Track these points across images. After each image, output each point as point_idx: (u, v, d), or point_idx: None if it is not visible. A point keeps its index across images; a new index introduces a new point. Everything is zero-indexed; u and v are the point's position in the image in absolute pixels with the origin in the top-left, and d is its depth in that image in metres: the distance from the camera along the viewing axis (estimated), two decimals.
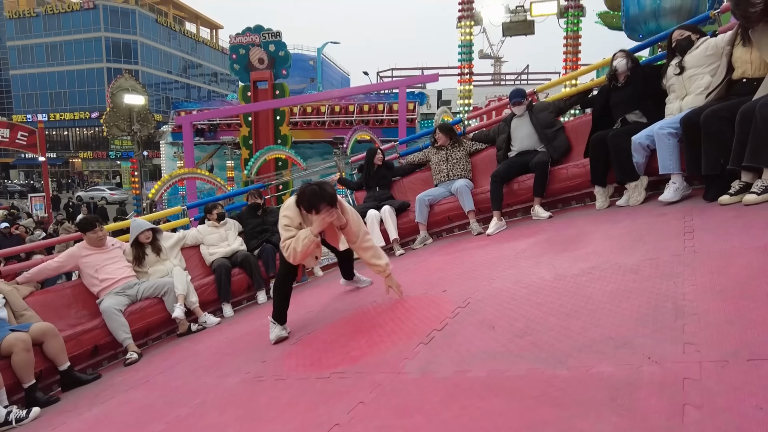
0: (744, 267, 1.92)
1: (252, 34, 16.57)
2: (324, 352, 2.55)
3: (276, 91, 16.66)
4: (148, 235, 4.72)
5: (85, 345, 4.03)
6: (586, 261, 2.62)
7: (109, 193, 33.57)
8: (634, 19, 12.44)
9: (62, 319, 4.13)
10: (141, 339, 4.38)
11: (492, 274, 2.99)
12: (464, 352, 1.97)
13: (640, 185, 3.69)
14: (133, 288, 4.44)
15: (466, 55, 17.51)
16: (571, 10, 15.99)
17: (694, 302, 1.76)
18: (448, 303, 2.66)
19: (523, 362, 1.73)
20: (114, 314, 4.15)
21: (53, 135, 48.78)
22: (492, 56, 42.33)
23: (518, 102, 4.81)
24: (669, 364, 1.43)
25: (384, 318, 2.77)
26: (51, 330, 3.64)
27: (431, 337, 2.23)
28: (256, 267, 5.00)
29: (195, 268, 5.04)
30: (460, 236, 4.88)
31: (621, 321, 1.79)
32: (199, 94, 58.57)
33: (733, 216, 2.59)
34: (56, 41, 48.89)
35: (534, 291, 2.42)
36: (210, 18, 62.30)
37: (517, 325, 2.06)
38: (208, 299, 4.80)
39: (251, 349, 3.22)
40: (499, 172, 4.61)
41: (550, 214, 4.27)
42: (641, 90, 3.94)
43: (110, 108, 17.84)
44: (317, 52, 39.71)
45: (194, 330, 4.48)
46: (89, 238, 4.46)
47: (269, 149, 13.86)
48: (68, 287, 4.46)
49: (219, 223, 5.27)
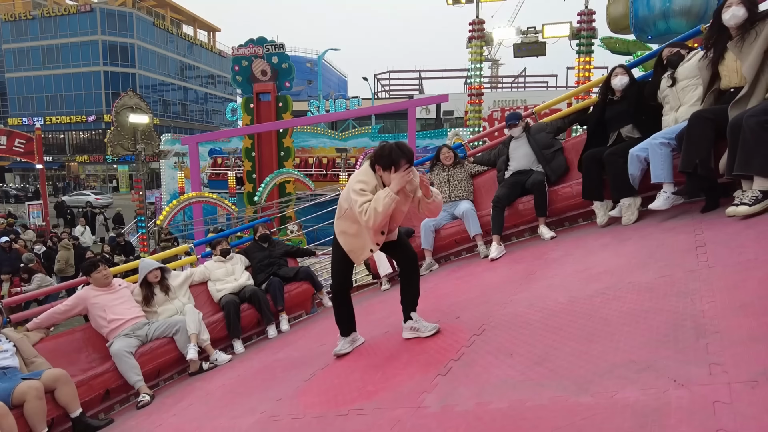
0: (762, 280, 1.90)
1: (255, 45, 16.66)
2: (340, 388, 2.51)
3: (279, 103, 16.67)
4: (156, 274, 4.72)
5: (97, 389, 3.98)
6: (599, 281, 2.59)
7: (94, 198, 33.18)
8: (644, 21, 12.53)
9: (73, 364, 4.09)
10: (152, 380, 4.33)
11: (504, 299, 2.96)
12: (483, 383, 1.94)
13: (634, 204, 3.70)
14: (143, 329, 4.41)
15: (476, 77, 17.49)
16: (583, 33, 16.08)
17: (715, 320, 1.73)
18: (462, 331, 2.62)
19: (545, 391, 1.70)
20: (125, 356, 4.12)
21: (49, 138, 48.47)
22: (489, 59, 42.76)
23: (513, 124, 4.86)
24: (696, 387, 1.40)
25: (398, 349, 2.74)
26: (63, 376, 3.60)
27: (449, 367, 2.20)
28: (264, 301, 4.97)
29: (204, 305, 5.02)
30: (468, 259, 4.86)
31: (641, 343, 1.76)
32: (196, 97, 58.91)
33: (743, 227, 2.57)
34: (53, 44, 48.81)
35: (549, 315, 2.39)
36: (207, 21, 62.76)
37: (535, 351, 2.03)
38: (218, 336, 4.76)
39: (265, 386, 3.18)
40: (500, 198, 4.60)
41: (553, 234, 4.25)
42: (636, 105, 3.99)
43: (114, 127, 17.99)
44: (317, 60, 40.08)
45: (206, 368, 4.43)
46: (95, 279, 4.47)
47: (279, 173, 13.90)
48: (78, 331, 4.44)
49: (225, 258, 5.27)
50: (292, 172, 14.53)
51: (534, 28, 17.69)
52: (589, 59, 16.23)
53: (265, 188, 13.12)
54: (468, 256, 4.97)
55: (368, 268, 5.63)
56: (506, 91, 42.02)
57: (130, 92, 19.52)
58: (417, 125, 34.46)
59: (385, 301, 4.27)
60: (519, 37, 17.74)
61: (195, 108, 58.61)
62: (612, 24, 15.79)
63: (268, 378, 3.38)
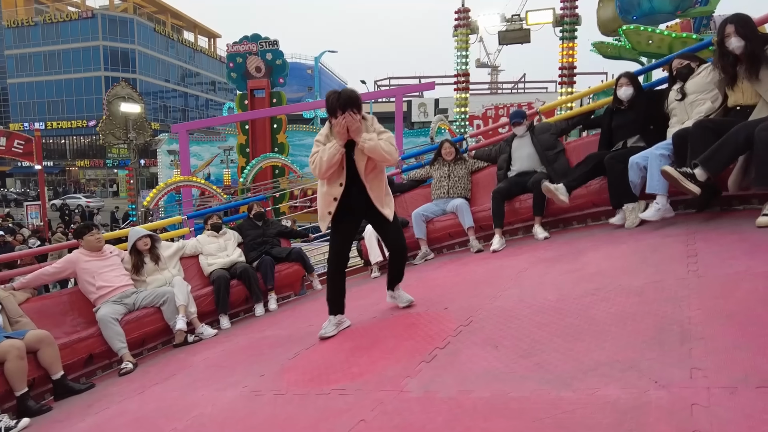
0: (751, 292, 1.92)
1: (249, 42, 16.69)
2: (324, 368, 2.52)
3: (273, 99, 16.75)
4: (146, 242, 4.69)
5: (80, 353, 3.98)
6: (590, 282, 2.61)
7: (85, 201, 33.23)
8: (628, 2, 12.65)
9: (58, 326, 4.08)
10: (137, 349, 4.33)
11: (495, 293, 2.97)
12: (467, 372, 1.95)
13: (637, 209, 3.70)
14: (131, 297, 4.40)
15: (462, 64, 17.70)
16: (566, 19, 16.19)
17: (701, 326, 1.75)
18: (450, 321, 2.64)
19: (528, 383, 1.71)
20: (110, 323, 4.11)
21: (50, 143, 48.72)
22: (489, 65, 42.63)
23: (518, 122, 4.85)
24: (676, 388, 1.41)
25: (385, 334, 2.75)
26: (47, 338, 3.60)
27: (433, 355, 2.21)
28: (254, 279, 4.97)
29: (193, 278, 5.01)
30: (461, 253, 4.87)
31: (626, 344, 1.78)
32: (197, 103, 58.80)
33: (737, 240, 2.59)
34: (54, 50, 48.97)
35: (538, 311, 2.40)
36: (208, 27, 62.64)
37: (522, 345, 2.04)
38: (206, 310, 4.76)
39: (249, 362, 3.19)
40: (500, 189, 4.63)
41: (547, 235, 4.27)
42: (644, 114, 3.98)
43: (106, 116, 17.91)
44: (315, 61, 39.96)
45: (191, 341, 4.43)
46: (87, 242, 4.43)
47: (265, 157, 13.89)
48: (65, 294, 4.43)
49: (217, 233, 5.25)
50: (279, 157, 14.48)
51: (518, 15, 17.79)
52: (572, 44, 16.33)
53: (251, 170, 13.10)
54: (461, 250, 4.99)
55: (360, 255, 5.64)
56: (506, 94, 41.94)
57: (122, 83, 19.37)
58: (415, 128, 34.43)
59: (374, 289, 4.27)
60: (504, 25, 17.87)
61: (196, 114, 58.45)
62: (602, 27, 15.87)
63: (253, 354, 3.39)
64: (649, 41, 12.43)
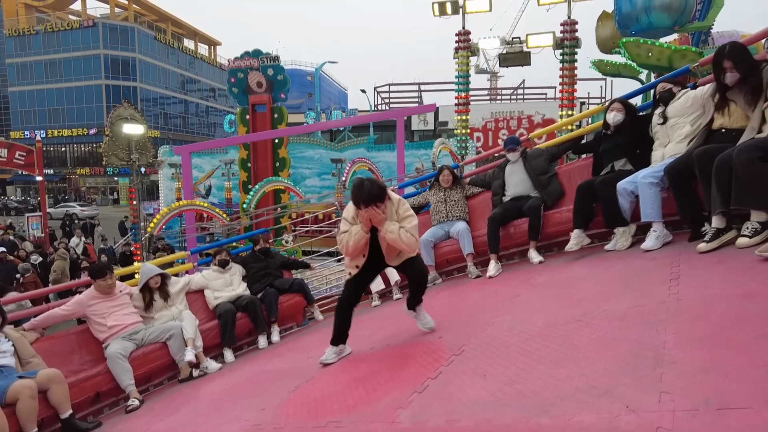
0: (723, 314, 2.00)
1: (250, 58, 16.98)
2: (321, 401, 2.60)
3: (275, 114, 16.86)
4: (157, 280, 4.82)
5: (87, 391, 4.07)
6: (576, 307, 2.69)
7: (80, 210, 33.38)
8: (627, 16, 12.88)
9: (66, 365, 4.17)
10: (143, 385, 4.42)
11: (488, 320, 3.06)
12: (456, 402, 2.03)
13: (628, 232, 3.79)
14: (139, 333, 4.51)
15: (463, 86, 17.90)
16: (566, 42, 16.45)
17: (674, 350, 1.83)
18: (443, 350, 2.72)
19: (510, 411, 1.79)
20: (119, 359, 4.20)
21: (51, 151, 49.19)
22: (488, 71, 42.83)
23: (512, 149, 4.98)
24: (645, 413, 1.49)
25: (381, 365, 2.83)
26: (57, 376, 3.69)
27: (425, 385, 2.29)
28: (259, 311, 5.07)
29: (198, 312, 5.10)
30: (459, 279, 4.96)
31: (604, 370, 1.86)
32: (197, 110, 59.53)
33: (715, 262, 2.67)
34: (55, 58, 49.68)
35: (526, 338, 2.48)
36: (208, 35, 63.78)
37: (508, 373, 2.12)
38: (210, 344, 4.85)
39: (251, 395, 3.27)
40: (495, 215, 4.73)
41: (541, 259, 4.35)
42: (630, 138, 4.09)
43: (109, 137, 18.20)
44: (315, 71, 40.58)
45: (196, 375, 4.50)
46: (99, 286, 4.54)
47: (268, 181, 14.01)
48: (73, 333, 4.53)
49: (224, 269, 5.37)
50: (282, 181, 14.63)
51: (518, 38, 18.06)
52: (572, 68, 16.53)
53: (254, 195, 13.21)
54: (459, 276, 5.07)
55: None
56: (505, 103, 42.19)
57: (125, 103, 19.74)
58: (415, 136, 34.56)
59: (374, 318, 4.36)
60: (504, 47, 18.13)
61: (196, 121, 59.45)
62: (601, 45, 16.12)
63: (255, 388, 3.47)
64: (649, 54, 12.64)
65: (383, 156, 21.29)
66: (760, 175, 2.67)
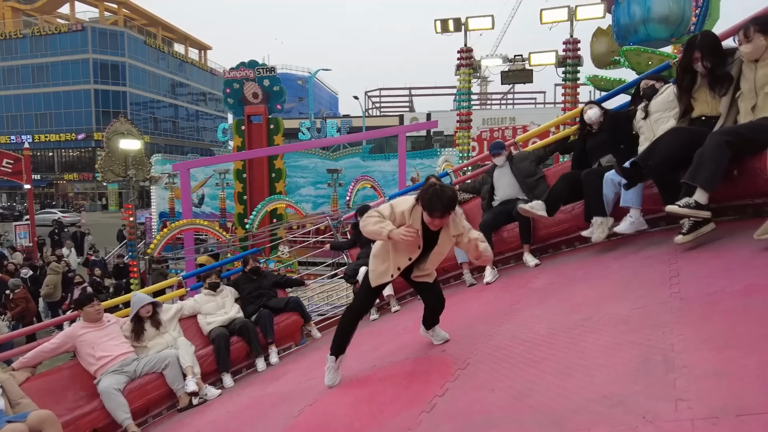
0: (727, 313, 1.98)
1: (246, 68, 16.94)
2: (327, 424, 2.54)
3: (270, 125, 16.83)
4: (148, 309, 4.73)
5: (84, 429, 3.96)
6: (578, 312, 2.67)
7: (62, 216, 32.74)
8: (625, 28, 13.09)
9: (59, 403, 4.07)
10: (141, 417, 4.31)
11: (489, 330, 3.02)
12: (466, 420, 1.99)
13: (605, 224, 3.82)
14: (132, 364, 4.40)
15: (465, 103, 17.90)
16: (569, 60, 16.61)
17: (683, 353, 1.80)
18: (448, 365, 2.67)
19: (522, 427, 1.75)
20: (113, 394, 4.10)
21: (38, 156, 48.52)
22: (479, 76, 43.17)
23: (497, 153, 4.99)
24: (663, 423, 1.46)
25: (386, 384, 2.77)
26: (49, 418, 3.57)
27: (433, 404, 2.24)
28: (254, 334, 4.99)
29: (193, 338, 5.01)
30: (455, 287, 4.92)
31: (614, 377, 1.83)
32: (187, 114, 59.14)
33: (712, 257, 2.67)
34: (43, 63, 49.22)
35: (530, 347, 2.45)
36: (199, 39, 63.53)
37: (516, 386, 2.08)
38: (208, 370, 4.77)
39: (254, 423, 3.19)
40: (486, 221, 4.73)
41: (537, 262, 4.34)
42: (614, 135, 4.14)
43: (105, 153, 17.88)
44: (309, 80, 40.50)
45: (195, 404, 4.41)
46: (86, 314, 4.47)
47: (270, 200, 13.89)
48: (65, 369, 4.42)
49: (215, 291, 5.28)
50: (284, 199, 14.53)
51: (521, 56, 18.20)
52: (575, 86, 16.71)
53: (257, 215, 13.09)
54: (456, 283, 5.04)
55: None
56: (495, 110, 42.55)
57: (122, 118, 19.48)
58: (408, 144, 34.70)
59: (373, 332, 4.31)
60: (506, 65, 18.26)
61: (186, 125, 59.06)
62: (596, 60, 16.35)
63: (257, 414, 3.39)
64: (649, 62, 12.83)
65: (378, 165, 21.28)
66: (719, 159, 2.73)
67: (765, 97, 2.96)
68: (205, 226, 11.81)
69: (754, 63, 3.02)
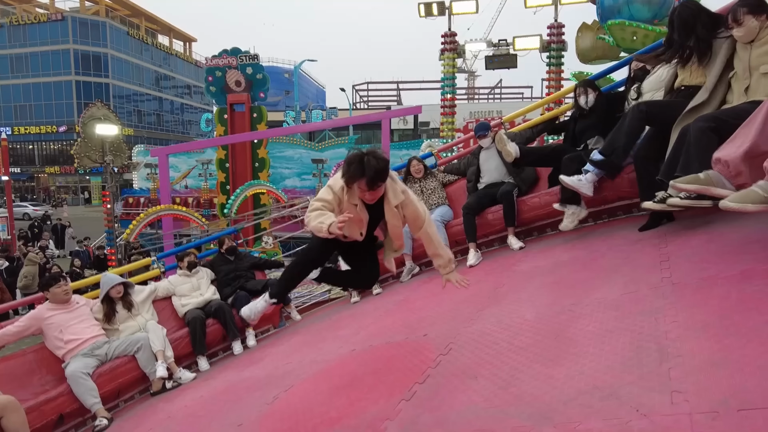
0: (723, 298, 1.89)
1: (229, 56, 16.49)
2: (302, 413, 2.42)
3: (254, 114, 16.45)
4: (119, 290, 4.52)
5: (49, 415, 3.77)
6: (566, 297, 2.57)
7: (32, 209, 31.91)
8: (609, 9, 13.12)
9: (24, 387, 3.88)
10: (112, 401, 4.14)
11: (473, 314, 2.91)
12: (448, 409, 1.88)
13: (578, 213, 3.78)
14: (102, 348, 4.22)
15: (449, 88, 17.75)
16: (553, 45, 16.48)
17: (677, 342, 1.71)
18: (429, 350, 2.56)
19: (509, 419, 1.65)
20: (81, 378, 3.91)
21: (17, 149, 47.16)
22: (466, 71, 42.91)
23: (483, 135, 4.86)
24: (658, 417, 1.36)
25: (364, 370, 2.66)
26: (11, 403, 3.39)
27: (413, 392, 2.13)
28: (230, 316, 4.83)
29: (167, 320, 4.84)
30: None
31: (605, 367, 1.72)
32: (172, 107, 57.89)
33: (705, 241, 2.59)
34: (21, 53, 47.53)
35: (515, 333, 2.35)
36: (183, 31, 61.89)
37: (501, 374, 1.98)
38: (182, 353, 4.60)
39: (228, 409, 3.06)
40: (470, 204, 4.62)
41: (522, 245, 4.25)
42: (605, 116, 4.03)
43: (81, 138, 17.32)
44: (294, 71, 39.78)
45: (169, 387, 4.25)
46: (54, 294, 4.24)
47: (250, 185, 13.59)
48: (30, 353, 4.21)
49: (190, 272, 5.09)
50: (264, 184, 14.23)
51: (505, 41, 18.04)
52: (559, 71, 16.64)
53: (236, 200, 12.80)
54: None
55: None
56: (482, 103, 42.44)
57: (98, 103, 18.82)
58: (395, 136, 34.49)
59: (354, 315, 4.19)
60: (490, 50, 18.10)
61: (170, 118, 57.66)
62: (581, 55, 16.30)
63: (231, 399, 3.26)
64: (633, 37, 12.79)
65: None
66: (707, 146, 2.64)
67: (759, 77, 2.86)
68: (184, 212, 11.50)
69: (748, 44, 2.92)
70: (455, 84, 18.22)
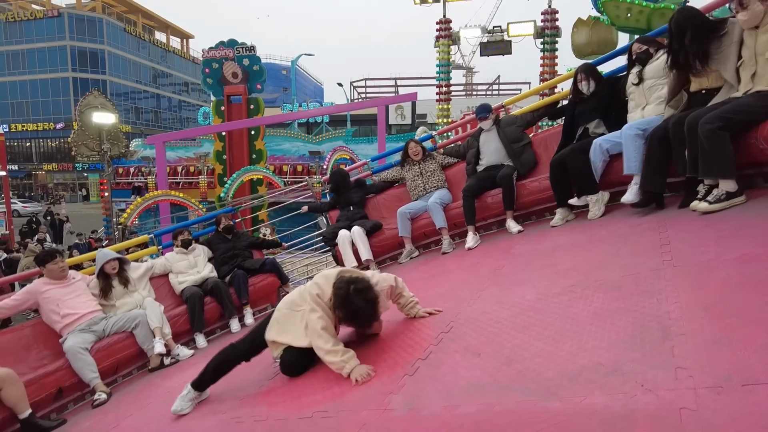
0: (724, 280, 1.92)
1: (226, 48, 16.34)
2: (304, 387, 2.44)
3: (250, 105, 16.42)
4: (114, 265, 4.51)
5: (49, 388, 3.78)
6: (566, 278, 2.60)
7: (21, 206, 31.72)
8: None
9: (22, 362, 3.87)
10: (110, 376, 4.15)
11: (473, 294, 2.94)
12: (451, 384, 1.90)
13: (601, 200, 3.75)
14: (100, 323, 4.22)
15: (444, 75, 17.70)
16: (547, 31, 16.43)
17: (680, 321, 1.74)
18: (430, 328, 2.59)
19: (513, 394, 1.67)
20: (79, 353, 3.92)
21: (15, 146, 46.90)
22: (464, 66, 42.68)
23: (484, 117, 4.84)
24: (663, 392, 1.39)
25: (366, 347, 2.68)
26: (9, 376, 3.40)
27: (416, 367, 2.16)
28: (227, 294, 4.84)
29: (165, 298, 4.84)
30: (436, 252, 4.84)
31: (608, 344, 1.75)
32: (169, 104, 57.45)
33: (704, 225, 2.61)
34: (18, 49, 47.05)
35: (517, 312, 2.37)
36: (181, 27, 61.19)
37: (503, 351, 2.00)
38: (180, 330, 4.61)
39: (227, 385, 3.07)
40: (470, 186, 4.62)
41: (520, 228, 4.27)
42: (606, 100, 4.02)
43: (78, 127, 17.14)
44: (291, 65, 39.40)
45: (167, 364, 4.28)
46: (50, 270, 4.23)
47: (246, 170, 13.56)
48: (27, 327, 4.20)
49: (187, 249, 5.08)
50: (260, 170, 14.18)
51: (500, 27, 17.97)
52: (553, 56, 16.62)
53: (232, 185, 12.77)
54: (437, 248, 4.95)
55: (336, 261, 5.55)
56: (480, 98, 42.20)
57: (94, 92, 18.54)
58: (392, 131, 34.33)
59: None
60: (485, 36, 18.06)
61: (168, 116, 57.13)
62: (576, 51, 16.24)
63: (230, 375, 3.26)
64: (628, 14, 12.71)
65: (362, 149, 21.06)
66: (722, 145, 2.69)
67: (765, 63, 2.87)
68: (180, 198, 11.45)
69: (754, 30, 2.92)
70: (450, 71, 18.21)
